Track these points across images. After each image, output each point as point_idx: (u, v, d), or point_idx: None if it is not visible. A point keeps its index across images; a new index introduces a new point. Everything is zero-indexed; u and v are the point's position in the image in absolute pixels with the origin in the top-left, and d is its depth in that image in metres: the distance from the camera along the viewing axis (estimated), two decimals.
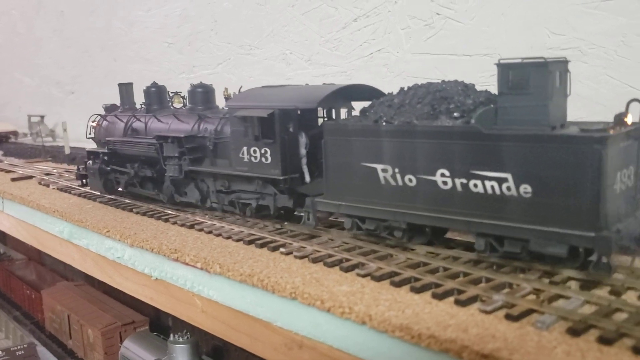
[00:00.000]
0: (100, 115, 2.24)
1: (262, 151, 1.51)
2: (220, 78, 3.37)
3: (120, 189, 2.04)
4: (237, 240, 1.48)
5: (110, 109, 2.23)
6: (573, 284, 1.09)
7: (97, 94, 4.56)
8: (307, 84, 1.74)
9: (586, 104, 2.00)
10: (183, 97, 1.97)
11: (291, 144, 1.50)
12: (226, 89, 1.80)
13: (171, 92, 2.00)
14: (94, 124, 2.22)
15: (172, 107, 1.99)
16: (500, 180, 1.12)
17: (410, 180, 1.25)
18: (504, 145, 1.11)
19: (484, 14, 2.17)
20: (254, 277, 1.24)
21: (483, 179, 1.14)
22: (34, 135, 4.52)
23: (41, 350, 3.04)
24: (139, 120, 2.02)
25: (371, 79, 2.38)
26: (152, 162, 1.88)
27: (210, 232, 1.57)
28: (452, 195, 1.19)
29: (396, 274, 1.18)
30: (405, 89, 1.36)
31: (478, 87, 1.35)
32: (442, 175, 1.20)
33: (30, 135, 4.56)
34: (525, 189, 1.09)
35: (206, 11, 3.43)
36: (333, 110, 1.64)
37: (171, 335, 2.20)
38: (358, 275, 1.21)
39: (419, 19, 2.35)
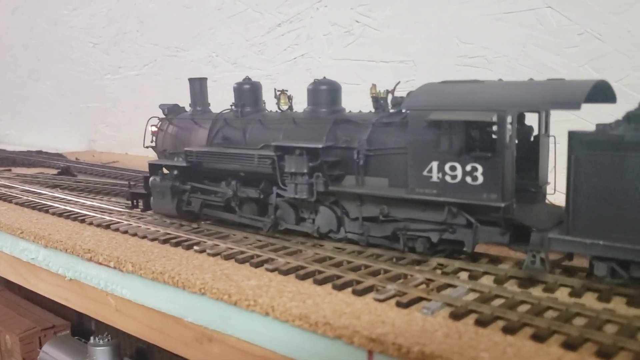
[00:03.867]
0: (163, 118, 1.78)
1: (468, 168, 1.13)
2: (147, 79, 3.35)
3: (194, 211, 1.60)
4: (152, 240, 1.51)
5: (173, 109, 1.80)
6: (462, 274, 1.18)
7: (20, 94, 4.43)
8: (500, 80, 1.27)
9: None
10: (290, 97, 1.57)
11: (511, 159, 1.13)
12: (374, 85, 1.37)
13: (277, 90, 1.56)
14: (155, 129, 1.78)
15: (277, 110, 1.56)
16: None
17: None
18: None
19: (399, 22, 2.28)
20: (165, 274, 1.27)
21: None
22: None
23: None
24: (232, 125, 1.58)
25: (295, 83, 2.44)
26: (253, 179, 1.49)
27: (126, 232, 1.59)
28: None
29: (302, 267, 1.24)
30: None
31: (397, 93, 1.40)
32: None
33: None
34: None
35: (132, 12, 3.41)
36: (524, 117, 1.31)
37: (91, 338, 2.18)
38: (267, 270, 1.26)
39: (339, 26, 2.44)
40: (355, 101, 1.49)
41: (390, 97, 1.36)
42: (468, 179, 1.14)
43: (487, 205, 1.12)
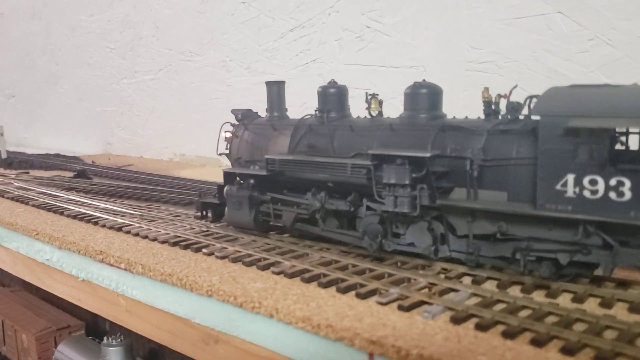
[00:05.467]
0: (237, 123, 1.67)
1: (612, 182, 1.01)
2: (162, 83, 3.40)
3: (277, 224, 1.50)
4: (163, 242, 1.53)
5: (246, 115, 1.68)
6: (465, 279, 1.19)
7: (38, 98, 4.51)
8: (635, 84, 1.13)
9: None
10: (381, 102, 1.45)
11: None
12: (486, 89, 1.25)
13: (369, 94, 1.45)
14: (229, 135, 1.67)
15: (368, 115, 1.45)
16: None
17: None
18: None
19: (409, 28, 2.29)
20: (173, 276, 1.30)
21: None
22: None
23: None
24: (317, 132, 1.47)
25: (307, 88, 2.47)
26: (341, 190, 1.38)
27: (137, 235, 1.62)
28: None
29: (308, 271, 1.26)
30: None
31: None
32: None
33: None
34: None
35: (148, 17, 3.46)
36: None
37: (105, 338, 2.22)
38: (273, 272, 1.28)
39: (350, 31, 2.46)
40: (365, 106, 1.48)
41: (503, 101, 1.22)
42: (612, 195, 1.01)
43: (636, 225, 0.99)
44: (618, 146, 1.08)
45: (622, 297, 1.06)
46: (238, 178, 1.54)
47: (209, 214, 1.65)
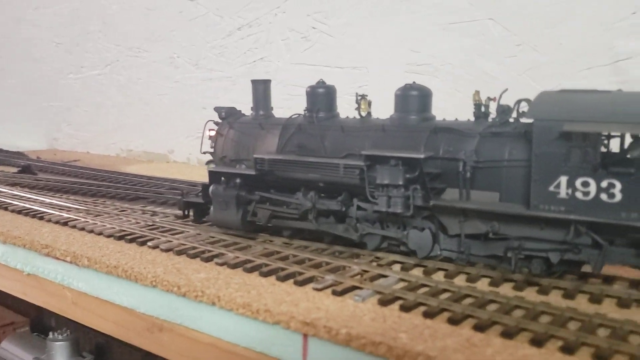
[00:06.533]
0: (222, 121, 1.65)
1: (604, 184, 1.06)
2: (109, 79, 3.39)
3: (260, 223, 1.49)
4: (108, 236, 1.57)
5: (230, 112, 1.66)
6: (396, 266, 1.29)
7: None
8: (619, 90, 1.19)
9: (440, 115, 2.27)
10: (370, 103, 1.47)
11: None
12: (477, 92, 1.30)
13: (358, 95, 1.47)
14: (214, 134, 1.64)
15: (359, 115, 1.46)
16: None
17: None
18: None
19: (353, 30, 2.39)
20: (119, 268, 1.34)
21: None
22: None
23: None
24: (307, 132, 1.47)
25: None
26: (331, 190, 1.40)
27: (83, 229, 1.65)
28: None
29: (250, 261, 1.33)
30: None
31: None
32: None
33: None
34: None
35: (95, 12, 3.44)
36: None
37: (50, 333, 2.22)
38: (216, 264, 1.34)
39: (297, 32, 2.53)
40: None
41: (493, 105, 1.27)
42: (603, 196, 1.05)
43: (626, 225, 1.04)
44: (602, 149, 1.12)
45: (610, 293, 1.11)
46: (224, 177, 1.52)
47: (191, 214, 1.65)
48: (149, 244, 1.49)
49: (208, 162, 1.65)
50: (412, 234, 1.30)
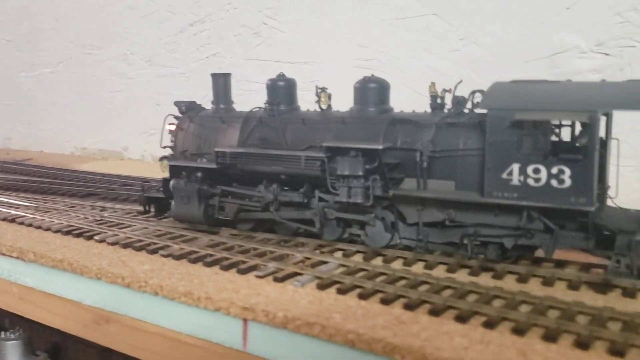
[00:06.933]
0: (182, 116, 1.64)
1: (554, 170, 1.10)
2: (62, 77, 3.35)
3: (225, 218, 1.50)
4: (56, 232, 1.57)
5: (191, 107, 1.66)
6: (338, 253, 1.33)
7: None
8: (569, 80, 1.23)
9: None
10: (330, 95, 1.48)
11: (598, 162, 1.11)
12: (433, 84, 1.32)
13: (318, 88, 1.47)
14: (173, 127, 1.63)
15: (318, 108, 1.47)
16: None
17: None
18: None
19: (303, 26, 2.42)
20: (64, 262, 1.35)
21: None
22: None
23: None
24: (268, 125, 1.47)
25: (208, 81, 2.54)
26: (293, 183, 1.41)
27: (30, 225, 1.64)
28: None
29: (195, 252, 1.35)
30: None
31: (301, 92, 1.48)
32: None
33: None
34: None
35: (47, 9, 3.39)
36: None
37: (2, 333, 2.19)
38: (161, 255, 1.36)
39: (248, 27, 2.55)
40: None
41: (448, 96, 1.31)
42: (554, 182, 1.10)
43: (575, 209, 1.09)
44: (553, 138, 1.16)
45: (561, 276, 1.14)
46: (184, 171, 1.51)
47: (152, 209, 1.65)
48: (96, 237, 1.50)
49: (162, 158, 1.65)
50: (367, 229, 1.32)
